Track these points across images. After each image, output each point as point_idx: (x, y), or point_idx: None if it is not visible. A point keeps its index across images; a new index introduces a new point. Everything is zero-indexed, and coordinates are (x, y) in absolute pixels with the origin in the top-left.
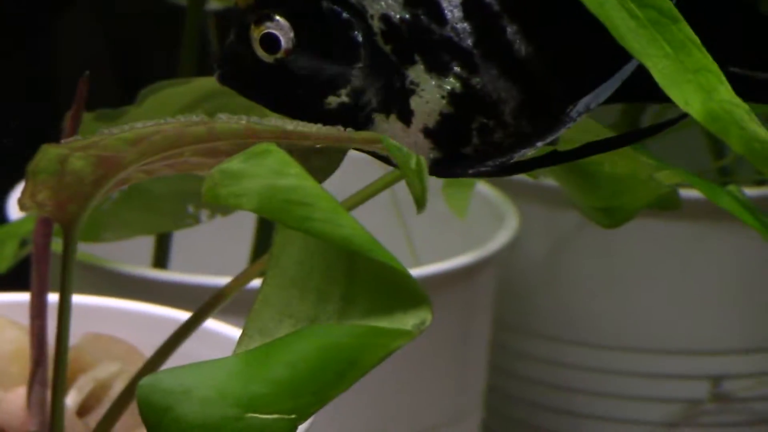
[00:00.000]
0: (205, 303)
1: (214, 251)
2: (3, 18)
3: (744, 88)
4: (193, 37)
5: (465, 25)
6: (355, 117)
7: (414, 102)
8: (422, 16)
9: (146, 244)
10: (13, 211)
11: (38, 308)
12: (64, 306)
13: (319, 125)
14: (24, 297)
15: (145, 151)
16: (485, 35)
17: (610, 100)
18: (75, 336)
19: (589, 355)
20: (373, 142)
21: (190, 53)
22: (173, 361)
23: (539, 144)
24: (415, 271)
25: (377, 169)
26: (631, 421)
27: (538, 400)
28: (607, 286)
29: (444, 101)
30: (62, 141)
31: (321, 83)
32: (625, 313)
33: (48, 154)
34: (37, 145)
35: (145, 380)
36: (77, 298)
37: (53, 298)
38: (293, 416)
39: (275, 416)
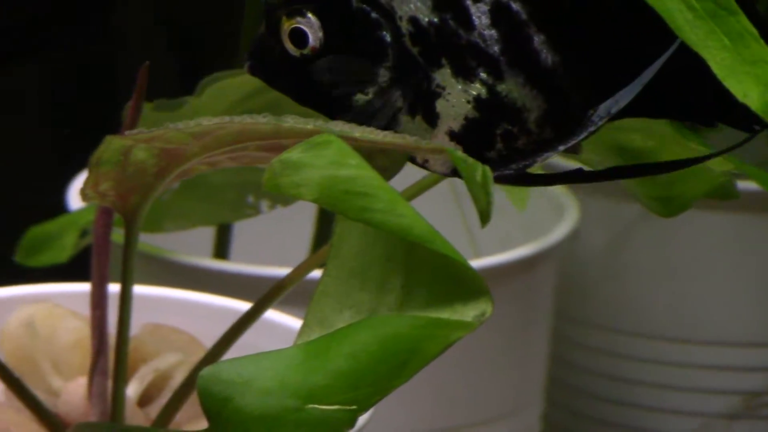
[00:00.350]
0: (266, 294)
1: (274, 242)
2: (62, 7)
3: None
4: (252, 27)
5: (492, 32)
6: (381, 116)
7: (440, 105)
8: (450, 21)
9: (207, 234)
10: (74, 201)
11: (99, 298)
12: (125, 296)
13: (386, 132)
14: (85, 287)
15: (209, 145)
16: (512, 43)
17: (630, 113)
18: (136, 326)
19: (648, 346)
20: (438, 152)
21: (249, 43)
22: (233, 351)
23: (561, 148)
24: (476, 263)
25: None
26: (691, 413)
27: (597, 392)
28: (667, 278)
29: (469, 106)
30: (125, 132)
31: (348, 81)
32: (684, 305)
33: (112, 144)
34: (97, 136)
35: (206, 371)
36: (138, 289)
37: (114, 288)
38: (353, 407)
39: (335, 407)
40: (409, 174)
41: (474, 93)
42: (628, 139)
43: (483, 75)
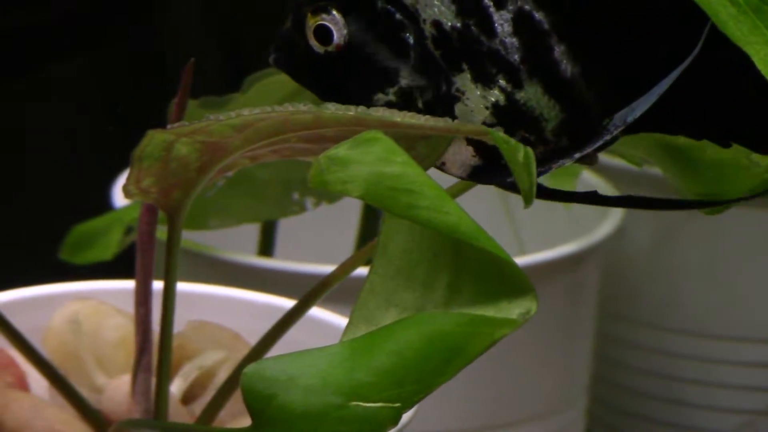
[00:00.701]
0: (310, 291)
1: (319, 239)
2: (108, 4)
3: None
4: None
5: (514, 40)
6: None
7: (459, 109)
8: (473, 27)
9: (251, 231)
10: (119, 198)
11: (143, 296)
12: (169, 293)
13: (427, 117)
14: (129, 284)
15: (251, 137)
16: (533, 52)
17: (648, 127)
18: (180, 323)
19: (693, 343)
20: (481, 134)
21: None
22: (278, 349)
23: (576, 156)
24: (520, 260)
25: None
26: (736, 411)
27: (642, 389)
28: (712, 275)
29: (488, 112)
30: (168, 127)
31: (371, 80)
32: (729, 302)
33: (154, 139)
34: (142, 132)
35: (250, 368)
36: (182, 286)
37: (158, 285)
38: (397, 404)
39: (379, 404)
40: None
41: (492, 99)
42: (672, 136)
43: (502, 82)
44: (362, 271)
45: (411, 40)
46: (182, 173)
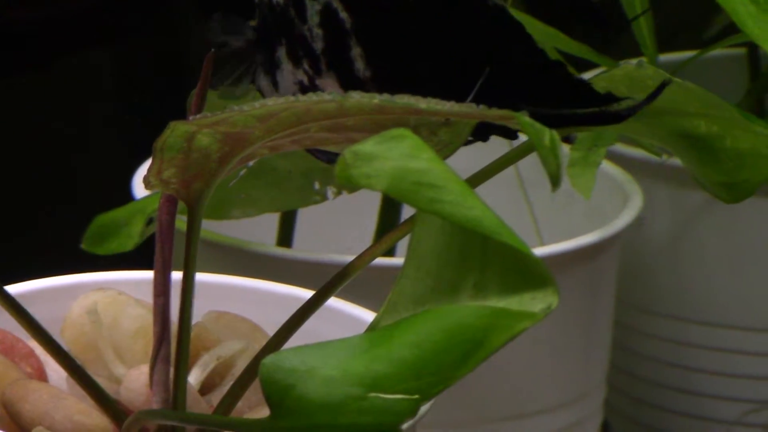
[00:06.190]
0: (329, 281)
1: (337, 229)
2: None
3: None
4: None
5: (319, 31)
6: (248, 66)
7: (279, 75)
8: (290, 8)
9: (270, 222)
10: (140, 189)
11: (162, 286)
12: (188, 284)
13: (452, 102)
14: (148, 275)
15: (273, 127)
16: (332, 47)
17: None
18: (198, 314)
19: (712, 334)
20: (507, 118)
21: None
22: (296, 339)
23: None
24: (540, 250)
25: (502, 147)
26: (755, 401)
27: (661, 380)
28: (731, 266)
29: (296, 87)
30: (190, 118)
31: (223, 30)
32: (749, 293)
33: (176, 131)
34: (163, 123)
35: (269, 359)
36: (201, 276)
37: (177, 276)
38: (416, 396)
39: (398, 396)
40: (474, 161)
41: (299, 78)
42: (692, 125)
43: (306, 66)
44: (381, 261)
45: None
46: (203, 164)
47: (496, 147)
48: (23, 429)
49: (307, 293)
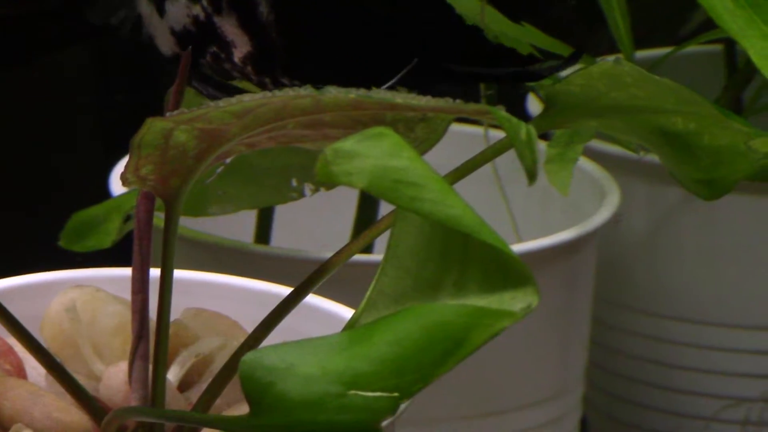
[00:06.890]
0: (307, 278)
1: (315, 226)
2: None
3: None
4: None
5: None
6: None
7: (167, 7)
8: None
9: (248, 218)
10: (117, 186)
11: (140, 283)
12: (166, 281)
13: (428, 97)
14: (127, 272)
15: (250, 123)
16: None
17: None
18: (177, 311)
19: (689, 330)
20: (482, 113)
21: None
22: (275, 335)
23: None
24: (517, 247)
25: (479, 144)
26: (732, 397)
27: (639, 376)
28: (708, 262)
29: (189, 20)
30: (167, 114)
31: None
32: (726, 289)
33: (153, 127)
34: (141, 120)
35: (248, 356)
36: (179, 273)
37: (155, 272)
38: (396, 394)
39: (378, 394)
40: (451, 158)
41: (195, 13)
42: (669, 122)
43: (204, 2)
44: (359, 257)
45: None
46: (180, 161)
47: (473, 144)
48: (2, 426)
49: (286, 290)
